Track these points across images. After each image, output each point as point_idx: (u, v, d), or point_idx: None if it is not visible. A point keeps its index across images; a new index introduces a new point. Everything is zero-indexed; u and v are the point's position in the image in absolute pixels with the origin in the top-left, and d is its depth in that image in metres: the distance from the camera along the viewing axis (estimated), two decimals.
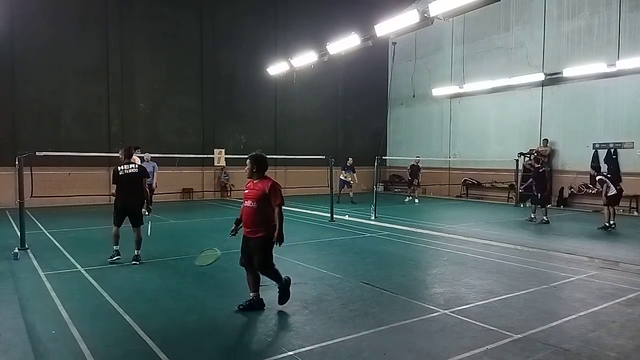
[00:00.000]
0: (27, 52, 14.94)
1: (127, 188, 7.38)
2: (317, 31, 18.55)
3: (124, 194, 7.38)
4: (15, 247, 7.92)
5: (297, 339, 4.36)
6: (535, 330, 4.58)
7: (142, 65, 17.13)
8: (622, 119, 15.07)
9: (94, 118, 16.25)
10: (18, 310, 5.11)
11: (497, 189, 18.75)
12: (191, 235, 10.47)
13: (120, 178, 7.34)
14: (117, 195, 7.42)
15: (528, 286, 6.17)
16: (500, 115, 18.72)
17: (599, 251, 8.47)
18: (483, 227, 11.50)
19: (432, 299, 5.64)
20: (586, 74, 15.34)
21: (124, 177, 7.36)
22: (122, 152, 7.61)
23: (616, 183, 11.32)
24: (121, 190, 7.37)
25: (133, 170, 7.45)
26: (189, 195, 18.00)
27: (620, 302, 5.52)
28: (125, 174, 7.39)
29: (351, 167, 17.02)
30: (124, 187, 7.37)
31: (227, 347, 4.28)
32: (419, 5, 14.65)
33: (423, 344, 4.29)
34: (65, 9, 15.52)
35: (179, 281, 6.43)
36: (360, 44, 12.79)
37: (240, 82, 19.15)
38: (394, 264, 7.63)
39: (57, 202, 14.43)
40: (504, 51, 18.28)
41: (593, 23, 15.64)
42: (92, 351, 4.02)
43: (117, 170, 7.39)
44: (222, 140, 18.39)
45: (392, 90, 22.73)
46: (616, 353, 4.08)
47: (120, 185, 7.37)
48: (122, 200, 7.40)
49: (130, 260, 7.32)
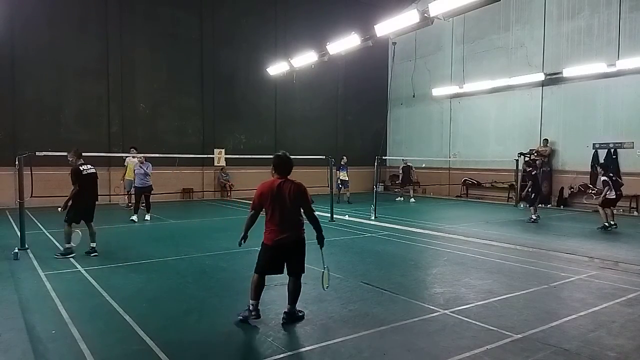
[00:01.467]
0: (27, 52, 14.93)
1: (90, 188, 7.80)
2: (317, 31, 18.55)
3: (87, 193, 7.75)
4: (15, 247, 7.92)
5: (297, 339, 4.36)
6: (535, 330, 4.58)
7: (142, 65, 17.13)
8: (622, 119, 15.07)
9: (94, 118, 16.25)
10: (18, 310, 5.10)
11: (497, 189, 18.75)
12: (191, 235, 10.47)
13: (84, 178, 7.67)
14: (78, 195, 7.64)
15: (528, 286, 6.17)
16: (500, 115, 18.72)
17: (599, 251, 8.47)
18: (483, 227, 11.50)
19: (432, 299, 5.64)
20: (586, 74, 15.34)
21: (86, 177, 7.73)
22: (73, 154, 7.88)
23: (618, 188, 11.28)
24: (84, 190, 7.67)
25: (92, 171, 7.91)
26: (189, 195, 18.00)
27: (620, 302, 5.51)
28: (88, 174, 7.78)
29: (345, 166, 17.06)
30: (87, 187, 7.72)
31: (227, 347, 4.28)
32: (419, 5, 14.67)
33: (423, 344, 4.29)
34: (65, 8, 15.51)
35: (179, 281, 6.43)
36: (360, 44, 12.79)
37: (240, 82, 19.15)
38: (394, 264, 7.63)
39: (57, 202, 14.36)
40: (504, 51, 18.28)
41: (593, 23, 15.64)
42: (92, 351, 4.02)
43: (80, 170, 7.65)
44: (222, 140, 18.40)
45: (392, 90, 22.75)
46: (616, 353, 4.08)
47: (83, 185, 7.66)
48: (86, 200, 7.75)
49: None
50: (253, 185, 10.99)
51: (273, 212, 4.68)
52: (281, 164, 4.80)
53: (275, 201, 4.66)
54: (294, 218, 4.75)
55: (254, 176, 19.24)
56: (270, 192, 4.68)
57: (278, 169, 4.80)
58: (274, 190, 4.68)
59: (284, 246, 4.70)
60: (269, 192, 4.68)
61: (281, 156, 4.83)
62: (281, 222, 4.67)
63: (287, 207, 4.67)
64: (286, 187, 4.70)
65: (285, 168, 4.81)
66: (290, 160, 4.84)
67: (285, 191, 4.67)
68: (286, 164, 4.81)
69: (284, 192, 4.67)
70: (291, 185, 4.72)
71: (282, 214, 4.67)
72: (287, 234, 4.68)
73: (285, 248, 4.72)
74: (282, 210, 4.66)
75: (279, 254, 4.72)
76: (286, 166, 4.81)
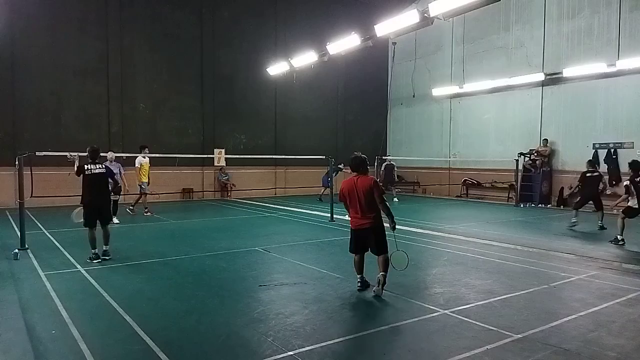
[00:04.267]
0: (27, 52, 14.93)
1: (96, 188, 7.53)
2: (317, 31, 18.56)
3: (93, 193, 7.50)
4: (15, 247, 7.93)
5: (297, 339, 4.36)
6: (535, 330, 4.58)
7: (142, 65, 17.13)
8: (622, 119, 15.07)
9: (94, 118, 16.25)
10: (18, 310, 5.10)
11: (497, 189, 18.74)
12: (191, 235, 10.46)
13: (87, 177, 7.46)
14: (84, 195, 7.49)
15: (528, 286, 6.17)
16: (500, 115, 18.72)
17: (599, 251, 8.47)
18: (483, 227, 11.50)
19: (432, 299, 5.64)
20: (586, 74, 15.34)
21: (90, 176, 7.49)
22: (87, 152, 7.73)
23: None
24: (89, 189, 7.48)
25: (98, 171, 7.61)
26: (189, 195, 18.00)
27: (620, 302, 5.51)
28: (92, 174, 7.52)
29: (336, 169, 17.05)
30: (92, 187, 7.49)
31: (227, 347, 4.28)
32: (419, 5, 14.67)
33: (423, 344, 4.29)
34: (65, 9, 15.51)
35: (179, 281, 6.43)
36: (360, 44, 12.78)
37: (240, 82, 19.15)
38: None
39: (57, 202, 14.42)
40: (504, 51, 18.28)
41: (593, 23, 15.64)
42: (92, 351, 4.02)
43: (83, 169, 7.48)
44: (222, 140, 18.40)
45: (392, 90, 22.76)
46: (616, 353, 4.08)
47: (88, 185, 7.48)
48: (92, 200, 7.51)
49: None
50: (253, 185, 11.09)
51: (351, 202, 5.77)
52: (355, 163, 5.83)
53: (351, 194, 5.74)
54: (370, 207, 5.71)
55: (254, 176, 19.46)
56: (348, 187, 5.75)
57: (352, 168, 5.84)
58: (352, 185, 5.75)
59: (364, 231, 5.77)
60: (348, 187, 5.76)
61: (357, 156, 5.86)
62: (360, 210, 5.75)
63: (362, 198, 5.67)
64: (360, 182, 5.72)
65: (358, 166, 5.82)
66: (362, 158, 5.85)
67: (359, 185, 5.71)
68: (360, 162, 5.82)
69: (358, 186, 5.70)
70: (364, 180, 5.74)
71: (360, 204, 5.71)
72: (365, 221, 5.73)
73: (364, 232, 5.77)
74: (359, 201, 5.70)
75: (359, 237, 5.82)
76: (360, 165, 5.83)
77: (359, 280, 5.90)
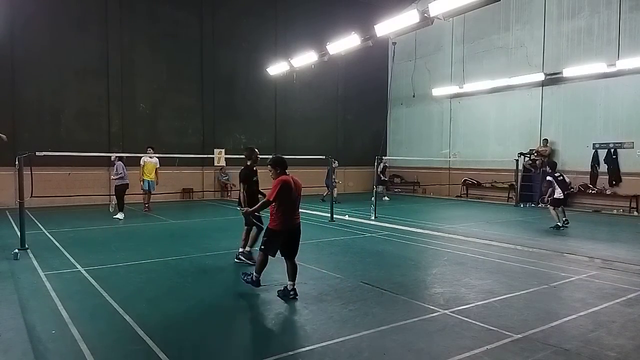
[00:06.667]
0: (27, 52, 14.92)
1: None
2: (317, 31, 18.55)
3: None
4: (15, 247, 7.92)
5: (297, 339, 4.36)
6: (535, 330, 4.58)
7: (142, 65, 17.13)
8: (622, 119, 15.08)
9: (94, 118, 16.24)
10: (18, 310, 5.10)
11: (497, 189, 18.74)
12: (191, 235, 10.47)
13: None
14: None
15: (528, 286, 6.17)
16: (500, 115, 18.72)
17: (599, 251, 8.47)
18: (483, 227, 11.50)
19: (432, 299, 5.64)
20: (586, 74, 15.34)
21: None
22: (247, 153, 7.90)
23: (565, 188, 11.36)
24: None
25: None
26: (189, 195, 18.00)
27: (620, 302, 5.51)
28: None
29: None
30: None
31: (227, 347, 4.28)
32: (419, 5, 14.66)
33: (423, 344, 4.29)
34: (65, 9, 15.50)
35: (179, 281, 6.42)
36: (360, 44, 12.77)
37: (240, 82, 19.15)
38: (394, 264, 7.63)
39: (57, 202, 14.43)
40: (504, 51, 18.28)
41: (593, 23, 15.64)
42: (92, 351, 4.01)
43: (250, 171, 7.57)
44: (222, 140, 18.39)
45: (392, 90, 22.74)
46: (616, 353, 4.08)
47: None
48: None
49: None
50: None
51: (291, 201, 5.61)
52: (284, 163, 5.69)
53: (293, 193, 5.60)
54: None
55: None
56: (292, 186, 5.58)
57: (283, 167, 5.66)
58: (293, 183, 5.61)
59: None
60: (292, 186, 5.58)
61: (281, 157, 5.76)
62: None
63: (299, 197, 5.70)
64: (296, 181, 5.67)
65: (286, 166, 5.71)
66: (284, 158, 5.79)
67: (298, 184, 5.67)
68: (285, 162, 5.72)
69: (297, 185, 5.66)
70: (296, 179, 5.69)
71: (298, 203, 5.71)
72: (298, 220, 5.70)
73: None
74: (298, 200, 5.71)
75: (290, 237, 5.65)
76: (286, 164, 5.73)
77: (260, 279, 5.70)
